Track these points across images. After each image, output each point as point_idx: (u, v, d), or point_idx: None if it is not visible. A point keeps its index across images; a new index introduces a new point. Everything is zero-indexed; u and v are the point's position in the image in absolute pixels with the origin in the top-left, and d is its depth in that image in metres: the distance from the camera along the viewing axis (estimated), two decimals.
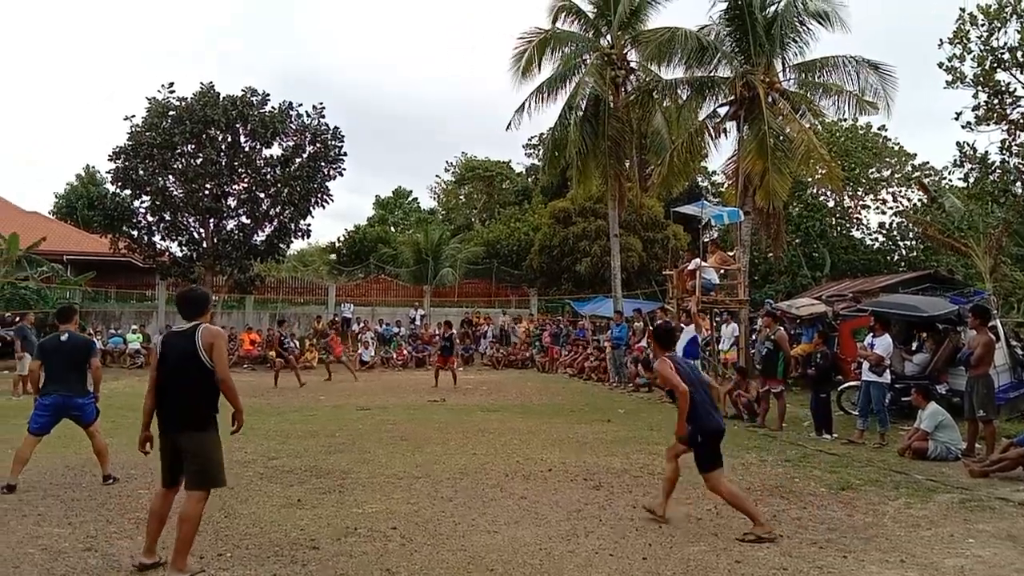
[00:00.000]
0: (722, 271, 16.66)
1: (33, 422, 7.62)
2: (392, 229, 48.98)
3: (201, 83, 29.51)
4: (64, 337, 7.78)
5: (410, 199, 56.49)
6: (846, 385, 13.66)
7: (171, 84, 28.70)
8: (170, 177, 28.82)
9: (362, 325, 29.42)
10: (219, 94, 28.75)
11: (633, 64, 25.54)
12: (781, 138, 19.91)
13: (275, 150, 29.91)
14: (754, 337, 17.53)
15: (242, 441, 10.32)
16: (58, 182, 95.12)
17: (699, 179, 36.64)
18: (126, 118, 28.28)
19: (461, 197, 54.27)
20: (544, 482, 7.88)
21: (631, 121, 25.13)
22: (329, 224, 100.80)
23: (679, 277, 16.75)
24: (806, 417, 12.39)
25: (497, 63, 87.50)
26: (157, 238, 29.76)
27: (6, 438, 10.37)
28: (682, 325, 15.22)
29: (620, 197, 25.84)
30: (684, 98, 23.25)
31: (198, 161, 28.41)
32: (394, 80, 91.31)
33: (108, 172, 29.26)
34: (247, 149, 29.33)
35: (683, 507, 6.92)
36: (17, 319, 21.53)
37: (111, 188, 30.71)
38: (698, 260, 15.96)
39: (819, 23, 20.50)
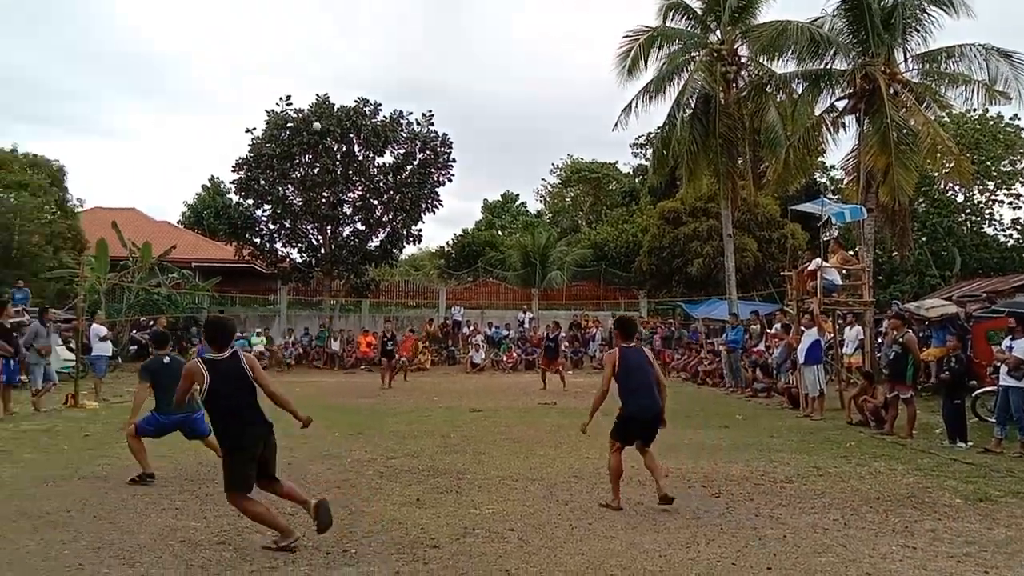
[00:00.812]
0: (844, 271, 15.99)
1: (147, 423, 7.97)
2: (500, 233, 49.36)
3: (316, 95, 30.76)
4: (167, 360, 8.20)
5: (517, 203, 56.84)
6: (981, 391, 12.83)
7: (288, 97, 30.05)
8: (289, 186, 30.14)
9: (472, 328, 29.81)
10: (333, 105, 29.83)
11: (744, 59, 24.92)
12: (905, 131, 19.07)
13: (387, 158, 30.85)
14: (880, 340, 16.78)
15: (362, 440, 10.69)
16: (187, 193, 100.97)
17: (817, 175, 35.36)
18: (247, 131, 29.75)
19: (567, 199, 54.17)
20: None
21: (743, 117, 24.54)
22: (438, 229, 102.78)
23: (799, 278, 16.16)
24: (938, 424, 11.72)
25: (604, 64, 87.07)
26: (278, 245, 31.21)
27: None
28: (802, 328, 14.72)
29: (733, 196, 25.24)
30: (799, 92, 22.52)
31: (315, 170, 29.56)
32: (500, 84, 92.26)
33: (232, 183, 30.92)
34: (360, 158, 30.34)
35: (808, 517, 6.66)
36: (151, 323, 22.90)
37: (235, 198, 32.37)
38: (819, 260, 15.36)
39: (942, 10, 19.54)
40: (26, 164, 31.83)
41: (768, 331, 19.26)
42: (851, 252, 18.59)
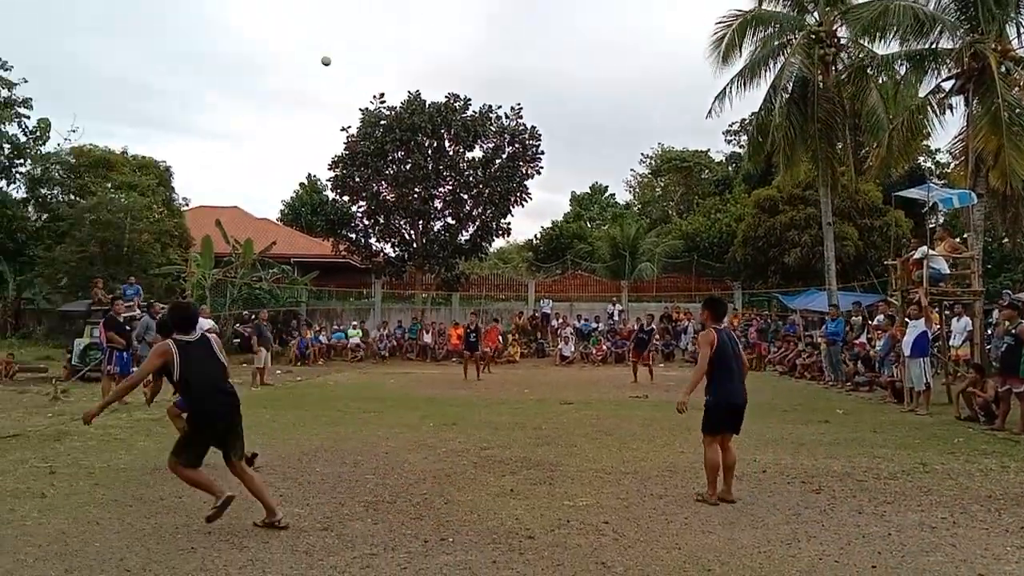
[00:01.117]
0: (952, 260, 15.27)
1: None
2: (588, 225, 49.16)
3: (408, 92, 31.27)
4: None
5: (606, 194, 56.45)
6: None
7: (382, 95, 30.68)
8: (382, 183, 30.77)
9: (561, 321, 29.80)
10: (425, 102, 30.28)
11: (843, 41, 24.01)
12: (1017, 111, 18.06)
13: (476, 152, 31.09)
14: (990, 332, 15.97)
15: (455, 431, 10.85)
16: (285, 191, 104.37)
17: (921, 160, 33.81)
18: (342, 129, 30.58)
19: (658, 189, 53.49)
20: (759, 483, 7.58)
21: (843, 101, 23.67)
22: (525, 222, 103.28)
23: (904, 267, 15.52)
24: None
25: (691, 50, 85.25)
26: (372, 240, 31.97)
27: (250, 424, 11.47)
28: (906, 319, 14.15)
29: (833, 182, 24.40)
30: (902, 74, 21.60)
31: (407, 167, 30.13)
32: (585, 74, 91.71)
33: (328, 180, 31.84)
34: (451, 153, 30.72)
35: (914, 514, 6.41)
36: (253, 316, 23.79)
37: (331, 195, 33.29)
38: (925, 248, 14.72)
39: None
40: (135, 166, 33.62)
41: (870, 323, 18.60)
42: (959, 239, 17.74)
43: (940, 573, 4.98)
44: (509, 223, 31.84)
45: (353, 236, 32.02)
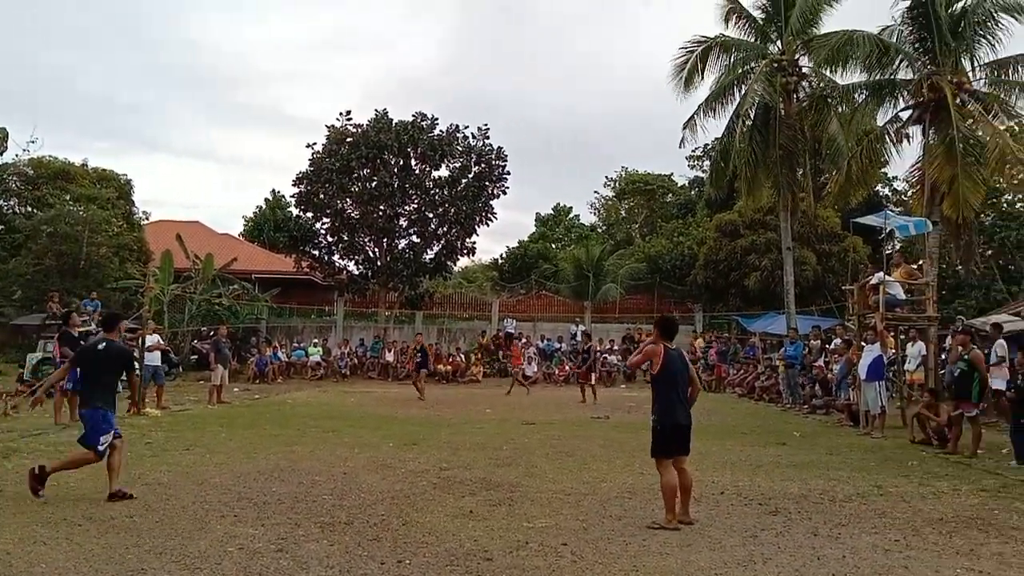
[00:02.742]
0: (908, 286, 15.58)
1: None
2: (553, 246, 49.37)
3: (376, 110, 31.27)
4: (101, 345, 7.86)
5: (570, 216, 56.77)
6: None
7: (348, 112, 30.62)
8: (347, 200, 30.64)
9: (524, 340, 29.81)
10: (392, 120, 30.29)
11: (805, 70, 24.54)
12: (972, 142, 18.67)
13: (443, 171, 31.13)
14: (944, 357, 16.28)
15: (415, 451, 10.76)
16: (248, 206, 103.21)
17: (879, 187, 34.55)
18: (308, 145, 30.42)
19: (622, 212, 53.94)
20: (716, 505, 7.62)
21: (804, 129, 24.15)
22: (490, 242, 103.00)
23: (860, 292, 15.81)
24: (1004, 444, 11.31)
25: (656, 74, 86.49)
26: (336, 257, 31.74)
27: (205, 443, 11.30)
28: (862, 343, 14.39)
29: (792, 208, 24.83)
30: (859, 102, 22.14)
31: (373, 184, 30.05)
32: (551, 97, 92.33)
33: (292, 196, 31.62)
34: (417, 171, 30.74)
35: (868, 537, 6.48)
36: (211, 333, 23.43)
37: (295, 211, 33.05)
38: (881, 274, 15.00)
39: (1013, 17, 19.06)
40: (95, 178, 33.06)
41: (827, 346, 18.88)
42: (915, 266, 18.14)
43: None
44: (474, 242, 31.96)
45: (316, 253, 31.78)
